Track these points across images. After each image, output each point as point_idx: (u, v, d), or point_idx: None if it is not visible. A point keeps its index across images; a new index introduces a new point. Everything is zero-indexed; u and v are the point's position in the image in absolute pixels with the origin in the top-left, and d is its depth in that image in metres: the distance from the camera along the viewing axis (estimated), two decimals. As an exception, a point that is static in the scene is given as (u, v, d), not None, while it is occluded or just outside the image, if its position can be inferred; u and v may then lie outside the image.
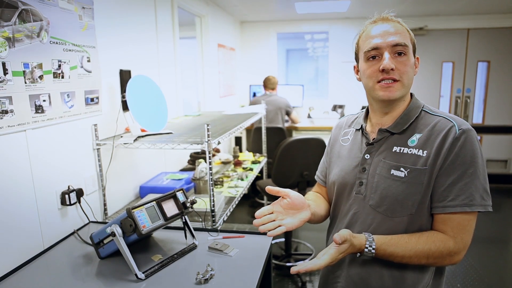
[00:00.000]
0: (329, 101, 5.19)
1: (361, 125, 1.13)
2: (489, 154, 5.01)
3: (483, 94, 4.96)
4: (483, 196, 0.94)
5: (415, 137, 1.00)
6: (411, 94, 1.08)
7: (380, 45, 0.98)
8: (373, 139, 1.07)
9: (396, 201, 0.99)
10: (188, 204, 1.29)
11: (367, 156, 1.06)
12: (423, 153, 0.97)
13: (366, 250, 0.95)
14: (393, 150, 1.02)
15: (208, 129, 1.56)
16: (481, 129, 4.99)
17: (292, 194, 1.02)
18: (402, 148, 1.00)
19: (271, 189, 1.02)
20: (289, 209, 1.02)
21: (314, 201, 1.19)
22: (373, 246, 0.95)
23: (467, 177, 0.93)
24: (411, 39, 1.02)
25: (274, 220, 1.00)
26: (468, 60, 4.90)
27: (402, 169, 0.98)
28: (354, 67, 1.12)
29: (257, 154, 3.14)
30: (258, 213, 1.01)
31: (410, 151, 0.99)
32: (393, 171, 1.00)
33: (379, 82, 0.99)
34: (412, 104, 1.05)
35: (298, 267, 0.89)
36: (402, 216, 0.99)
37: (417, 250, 0.94)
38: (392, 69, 0.97)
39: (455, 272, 2.89)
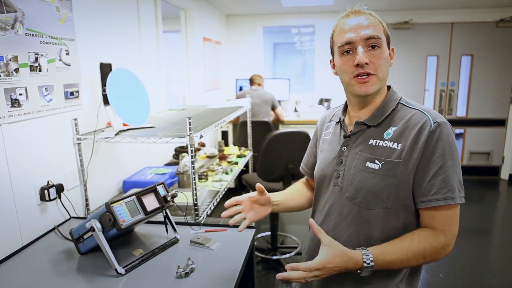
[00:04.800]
0: (315, 95, 5.21)
1: (340, 118, 1.13)
2: (472, 146, 5.10)
3: (466, 87, 5.03)
4: (459, 189, 0.95)
5: (391, 130, 1.00)
6: (389, 87, 1.09)
7: (353, 39, 0.98)
8: (350, 132, 1.07)
9: (371, 193, 0.99)
10: (168, 198, 1.28)
11: (344, 149, 1.07)
12: (397, 146, 0.97)
13: (365, 264, 0.93)
14: (369, 143, 1.02)
15: (190, 122, 1.55)
16: (464, 122, 5.07)
17: (266, 193, 1.15)
18: (378, 141, 1.01)
19: (260, 186, 1.13)
20: (255, 204, 1.16)
21: (290, 193, 1.27)
22: (371, 258, 0.94)
23: (446, 169, 0.94)
24: (384, 31, 1.02)
25: (240, 212, 1.13)
26: (452, 54, 4.96)
27: (376, 161, 0.99)
28: (330, 61, 1.12)
29: (243, 148, 3.14)
30: (228, 202, 1.11)
31: (385, 143, 0.99)
32: (368, 164, 1.00)
33: (355, 77, 0.99)
34: (389, 97, 1.05)
35: (283, 274, 0.91)
36: (377, 208, 0.99)
37: (413, 251, 0.95)
38: (366, 63, 0.97)
39: (438, 262, 2.95)
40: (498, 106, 4.98)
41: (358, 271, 0.95)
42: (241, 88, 5.04)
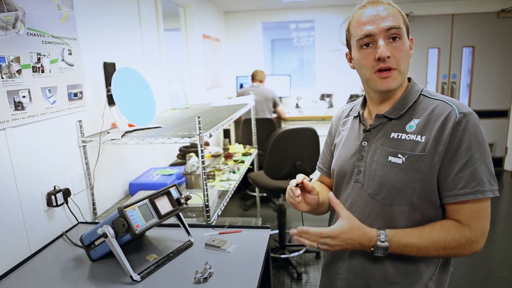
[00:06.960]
0: (316, 91, 5.16)
1: (359, 112, 1.09)
2: (475, 138, 5.07)
3: (468, 79, 4.99)
4: (491, 181, 0.91)
5: (413, 122, 0.96)
6: (409, 78, 1.05)
7: (373, 32, 0.93)
8: (370, 126, 1.03)
9: (394, 189, 0.95)
10: (182, 201, 1.24)
11: (364, 143, 1.03)
12: (421, 139, 0.93)
13: (379, 242, 0.91)
14: (391, 137, 0.98)
15: (199, 121, 1.50)
16: (467, 114, 5.04)
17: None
18: (400, 134, 0.97)
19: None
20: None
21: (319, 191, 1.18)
22: (385, 237, 0.91)
23: (474, 162, 0.89)
24: (404, 21, 0.96)
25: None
26: (453, 46, 4.92)
27: (400, 155, 0.94)
28: (346, 54, 1.07)
29: (248, 146, 3.09)
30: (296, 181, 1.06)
31: (408, 137, 0.95)
32: (390, 158, 0.96)
33: (376, 72, 0.94)
34: (410, 89, 1.01)
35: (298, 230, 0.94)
36: (401, 204, 0.95)
37: (433, 240, 0.90)
38: (388, 57, 0.92)
39: (448, 256, 2.92)
40: (501, 97, 4.94)
41: (372, 249, 0.93)
42: (241, 86, 4.99)
